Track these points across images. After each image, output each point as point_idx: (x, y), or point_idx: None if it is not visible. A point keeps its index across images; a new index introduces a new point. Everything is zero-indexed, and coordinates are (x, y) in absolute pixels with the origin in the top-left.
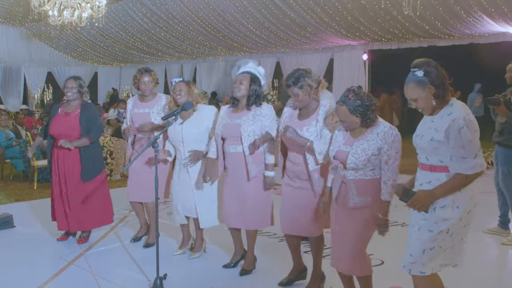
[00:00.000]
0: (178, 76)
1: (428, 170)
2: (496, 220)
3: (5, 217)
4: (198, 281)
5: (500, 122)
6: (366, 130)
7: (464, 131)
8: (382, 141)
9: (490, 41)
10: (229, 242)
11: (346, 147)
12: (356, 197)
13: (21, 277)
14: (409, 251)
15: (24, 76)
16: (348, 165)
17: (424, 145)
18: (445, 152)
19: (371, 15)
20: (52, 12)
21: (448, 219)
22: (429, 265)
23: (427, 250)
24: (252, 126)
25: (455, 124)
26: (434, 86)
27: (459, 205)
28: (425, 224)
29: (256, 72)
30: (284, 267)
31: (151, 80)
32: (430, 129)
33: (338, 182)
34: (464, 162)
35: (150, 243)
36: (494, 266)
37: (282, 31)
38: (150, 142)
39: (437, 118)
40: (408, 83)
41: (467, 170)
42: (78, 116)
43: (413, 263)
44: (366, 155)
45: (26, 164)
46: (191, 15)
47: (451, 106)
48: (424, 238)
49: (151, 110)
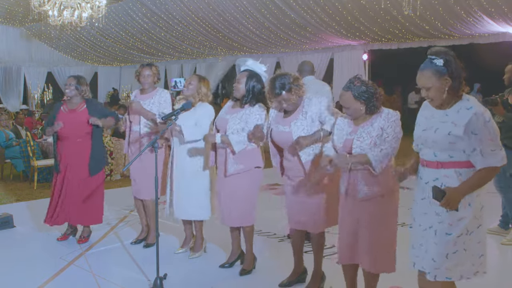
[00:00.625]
0: (178, 76)
1: (434, 167)
2: (497, 220)
3: (5, 217)
4: (198, 281)
5: (497, 121)
6: (370, 117)
7: (490, 124)
8: (384, 120)
9: (490, 41)
10: (229, 242)
11: (351, 135)
12: (364, 188)
13: (21, 277)
14: (431, 256)
15: (24, 76)
16: (354, 149)
17: (439, 139)
18: (462, 147)
19: (371, 15)
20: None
21: (463, 218)
22: (456, 270)
23: (450, 254)
24: (238, 125)
25: (479, 118)
26: (451, 78)
27: (470, 202)
28: (441, 227)
29: (255, 69)
30: (284, 267)
31: (151, 74)
32: (445, 123)
33: (346, 174)
34: (495, 155)
35: (150, 243)
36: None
37: (282, 31)
38: (150, 142)
39: (452, 112)
40: (424, 70)
41: (498, 163)
42: (86, 111)
43: (437, 268)
44: (371, 137)
45: (26, 164)
46: (191, 15)
47: (468, 100)
48: (444, 242)
49: (143, 102)
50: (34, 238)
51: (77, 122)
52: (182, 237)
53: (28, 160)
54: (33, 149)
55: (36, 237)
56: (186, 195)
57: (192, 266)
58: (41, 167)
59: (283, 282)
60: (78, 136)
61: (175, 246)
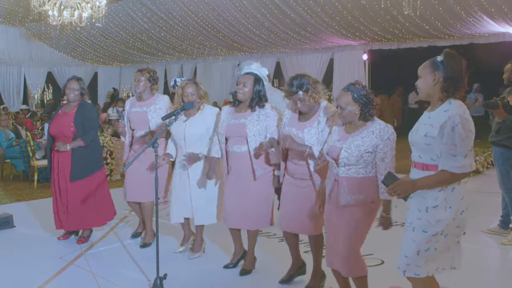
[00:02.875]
0: (178, 76)
1: (420, 169)
2: (497, 220)
3: (5, 217)
4: (198, 281)
5: (497, 121)
6: (361, 126)
7: (458, 129)
8: (377, 138)
9: (490, 41)
10: (229, 242)
11: (339, 143)
12: (347, 195)
13: (21, 277)
14: (404, 252)
15: (24, 76)
16: (341, 159)
17: (418, 140)
18: (437, 149)
19: (371, 15)
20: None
21: (441, 220)
22: (424, 267)
23: (422, 252)
24: (257, 127)
25: (450, 121)
26: (444, 78)
27: (451, 205)
28: (419, 224)
29: (259, 74)
30: (284, 267)
31: (141, 79)
32: (425, 125)
33: (331, 180)
34: (454, 160)
35: (146, 242)
36: (494, 266)
37: (282, 31)
38: (150, 142)
39: (434, 114)
40: (427, 60)
41: (455, 169)
42: (73, 115)
43: (408, 264)
44: (359, 151)
45: (26, 164)
46: (191, 15)
47: (450, 103)
48: (419, 239)
49: (149, 108)
50: (34, 238)
51: (64, 125)
52: (181, 236)
53: (28, 160)
54: (33, 149)
55: (36, 237)
56: (198, 200)
57: (192, 266)
58: (41, 167)
59: (283, 278)
60: (64, 139)
61: (174, 246)
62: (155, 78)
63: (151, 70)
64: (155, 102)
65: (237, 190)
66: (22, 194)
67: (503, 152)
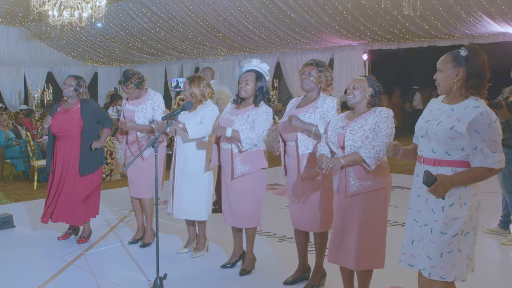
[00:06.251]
0: (178, 76)
1: (431, 165)
2: (497, 220)
3: (5, 217)
4: (198, 281)
5: (500, 121)
6: (365, 112)
7: (495, 125)
8: (378, 116)
9: (490, 41)
10: (231, 242)
11: (344, 130)
12: (356, 182)
13: (21, 277)
14: (427, 253)
15: (24, 76)
16: (346, 142)
17: (441, 132)
18: (461, 144)
19: (371, 15)
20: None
21: (458, 217)
22: (451, 271)
23: (445, 254)
24: (244, 125)
25: (485, 117)
26: (466, 73)
27: (465, 201)
28: (436, 225)
29: (260, 70)
30: (284, 267)
31: (127, 87)
32: (450, 117)
33: (338, 170)
34: (493, 156)
35: (146, 242)
36: (494, 266)
37: (282, 31)
38: (150, 142)
39: (458, 108)
40: (447, 53)
41: (494, 164)
42: (78, 111)
43: (432, 266)
44: (364, 131)
45: (26, 164)
46: (191, 15)
47: (477, 100)
48: (439, 241)
49: (137, 108)
50: (34, 238)
51: (69, 122)
52: (182, 236)
53: (28, 160)
54: (33, 149)
55: (36, 237)
56: (186, 195)
57: (192, 266)
58: (41, 167)
59: (287, 280)
60: (69, 136)
61: (175, 246)
62: (140, 79)
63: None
64: (145, 101)
65: (224, 187)
66: (22, 194)
67: (506, 152)
